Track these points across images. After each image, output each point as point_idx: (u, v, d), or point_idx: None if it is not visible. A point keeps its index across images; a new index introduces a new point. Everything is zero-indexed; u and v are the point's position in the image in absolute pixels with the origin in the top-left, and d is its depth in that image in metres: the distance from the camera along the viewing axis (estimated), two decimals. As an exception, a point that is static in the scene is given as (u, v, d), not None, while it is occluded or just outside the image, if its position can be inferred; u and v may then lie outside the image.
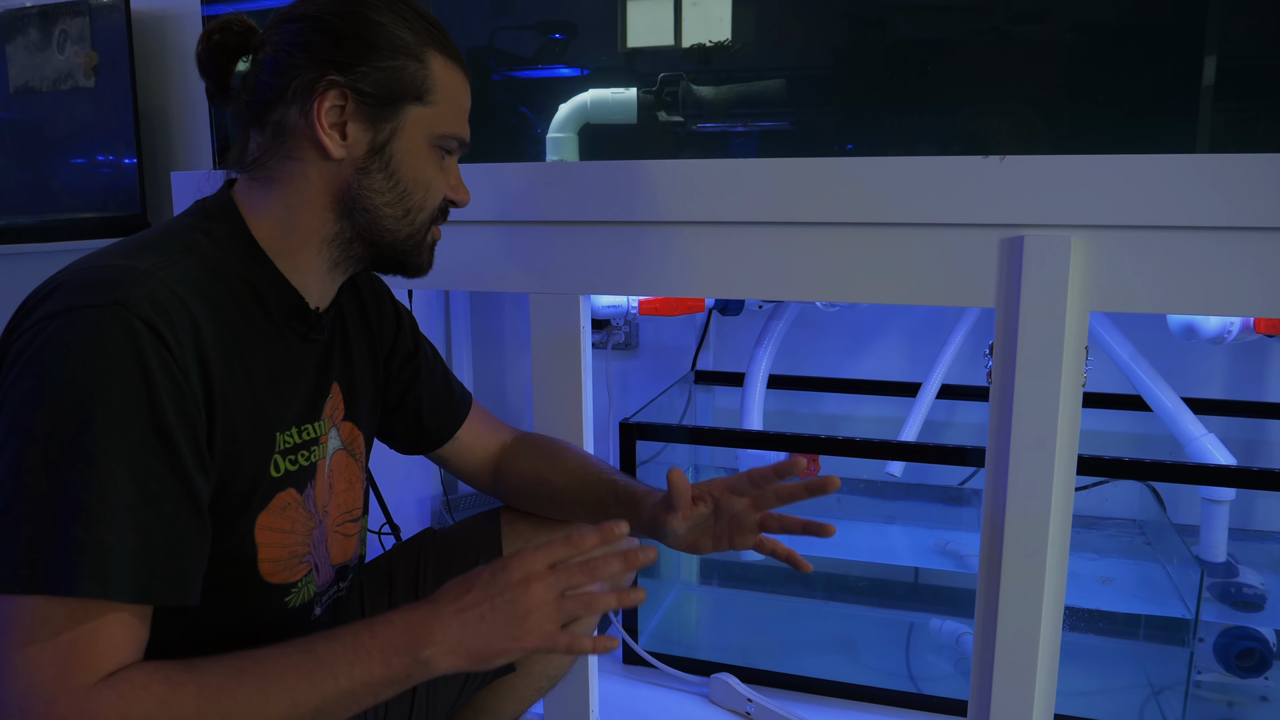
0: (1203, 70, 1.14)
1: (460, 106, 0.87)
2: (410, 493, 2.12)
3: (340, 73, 0.79)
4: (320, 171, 0.81)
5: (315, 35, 0.80)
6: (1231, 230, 0.97)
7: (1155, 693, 1.47)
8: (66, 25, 2.38)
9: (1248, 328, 1.34)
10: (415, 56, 0.82)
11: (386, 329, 1.02)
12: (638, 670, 1.59)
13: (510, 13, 1.55)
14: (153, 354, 0.68)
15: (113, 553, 0.65)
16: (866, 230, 1.08)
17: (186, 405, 0.71)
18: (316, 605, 0.90)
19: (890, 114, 1.32)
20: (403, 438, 1.07)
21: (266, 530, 0.82)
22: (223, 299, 0.78)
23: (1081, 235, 1.00)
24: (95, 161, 2.47)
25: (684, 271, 1.17)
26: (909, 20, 1.30)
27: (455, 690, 1.09)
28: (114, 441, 0.66)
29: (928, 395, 1.65)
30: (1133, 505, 1.76)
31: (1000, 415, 1.06)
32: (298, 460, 0.85)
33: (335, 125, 0.80)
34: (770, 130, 1.36)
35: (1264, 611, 1.44)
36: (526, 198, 1.21)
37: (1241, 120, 1.16)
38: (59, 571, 0.64)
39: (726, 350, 2.08)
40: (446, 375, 1.09)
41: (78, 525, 0.64)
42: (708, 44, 1.35)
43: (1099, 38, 1.20)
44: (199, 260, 0.77)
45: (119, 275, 0.70)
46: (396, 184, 0.83)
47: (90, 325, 0.67)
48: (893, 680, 1.53)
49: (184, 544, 0.71)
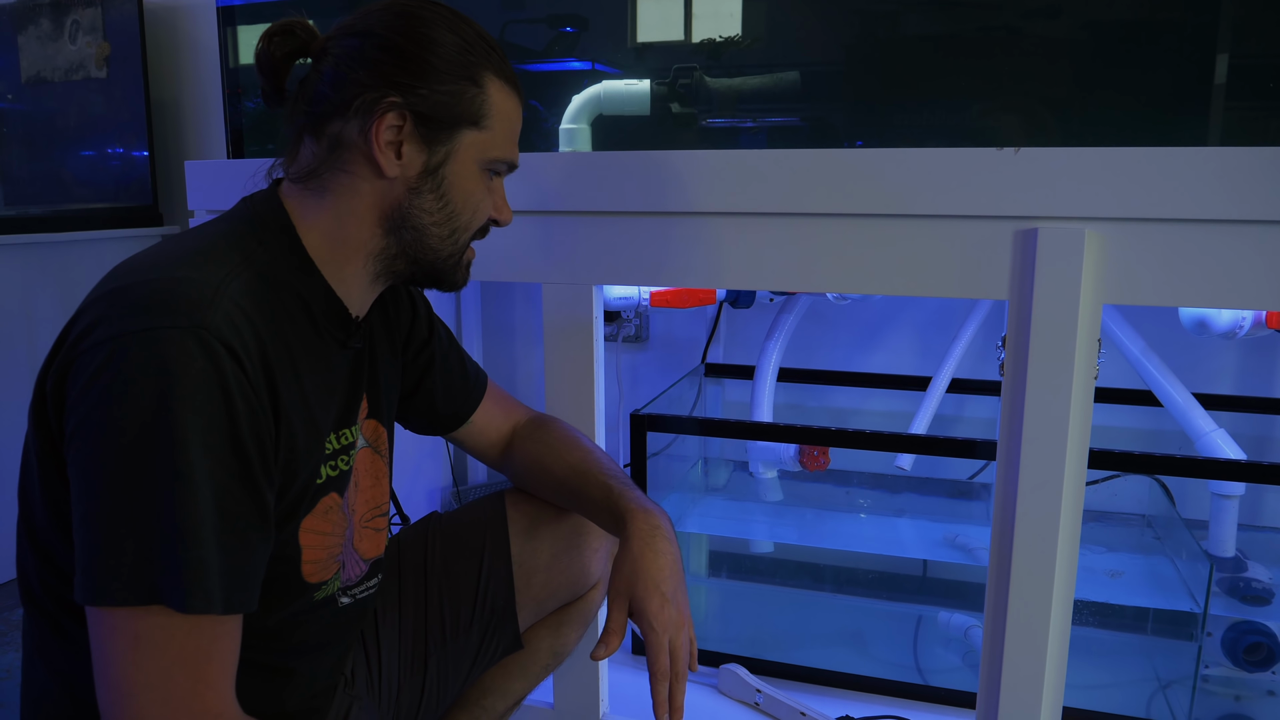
0: (1215, 67, 1.14)
1: (513, 130, 0.88)
2: (420, 484, 2.13)
3: (401, 93, 0.79)
4: (373, 188, 0.83)
5: (378, 52, 0.80)
6: (1244, 224, 0.97)
7: (1163, 686, 1.48)
8: (79, 16, 2.39)
9: (1259, 323, 1.34)
10: (474, 81, 0.82)
11: (404, 317, 1.03)
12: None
13: (521, 6, 1.55)
14: (232, 377, 0.70)
15: (208, 568, 0.68)
16: (880, 222, 1.09)
17: (259, 425, 0.73)
18: (344, 596, 0.92)
19: (900, 110, 1.32)
20: (418, 421, 1.09)
21: (310, 533, 0.84)
22: (278, 311, 0.79)
23: (1095, 228, 1.00)
24: (107, 152, 2.48)
25: (697, 262, 1.18)
26: (920, 16, 1.30)
27: (465, 668, 1.11)
28: (200, 462, 0.68)
29: (938, 389, 1.65)
30: (1142, 500, 1.76)
31: (1012, 408, 1.06)
32: (338, 465, 0.87)
33: (391, 144, 0.81)
34: (780, 126, 1.37)
35: (1272, 606, 1.44)
36: (539, 188, 1.21)
37: (1254, 117, 1.16)
38: (172, 588, 0.67)
39: (737, 343, 2.08)
40: (461, 358, 1.10)
41: (180, 544, 0.67)
42: (718, 39, 1.36)
43: (1111, 34, 1.20)
44: (258, 271, 0.78)
45: (193, 292, 0.71)
46: (446, 205, 0.85)
47: (175, 348, 0.68)
48: (901, 672, 1.54)
49: (255, 557, 0.74)
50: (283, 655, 0.87)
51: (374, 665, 1.06)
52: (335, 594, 0.91)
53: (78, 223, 2.25)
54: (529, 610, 1.11)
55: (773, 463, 1.72)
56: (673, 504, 1.78)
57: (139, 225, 2.37)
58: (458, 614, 1.08)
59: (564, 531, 1.11)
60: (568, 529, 1.11)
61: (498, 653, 1.11)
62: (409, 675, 1.08)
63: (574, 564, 1.11)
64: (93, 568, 0.67)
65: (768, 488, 1.75)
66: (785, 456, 1.66)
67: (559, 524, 1.11)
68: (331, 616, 0.91)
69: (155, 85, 2.41)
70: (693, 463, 1.98)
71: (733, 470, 1.98)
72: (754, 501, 1.81)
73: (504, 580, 1.08)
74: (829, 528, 1.78)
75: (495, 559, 1.09)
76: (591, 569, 1.12)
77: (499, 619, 1.09)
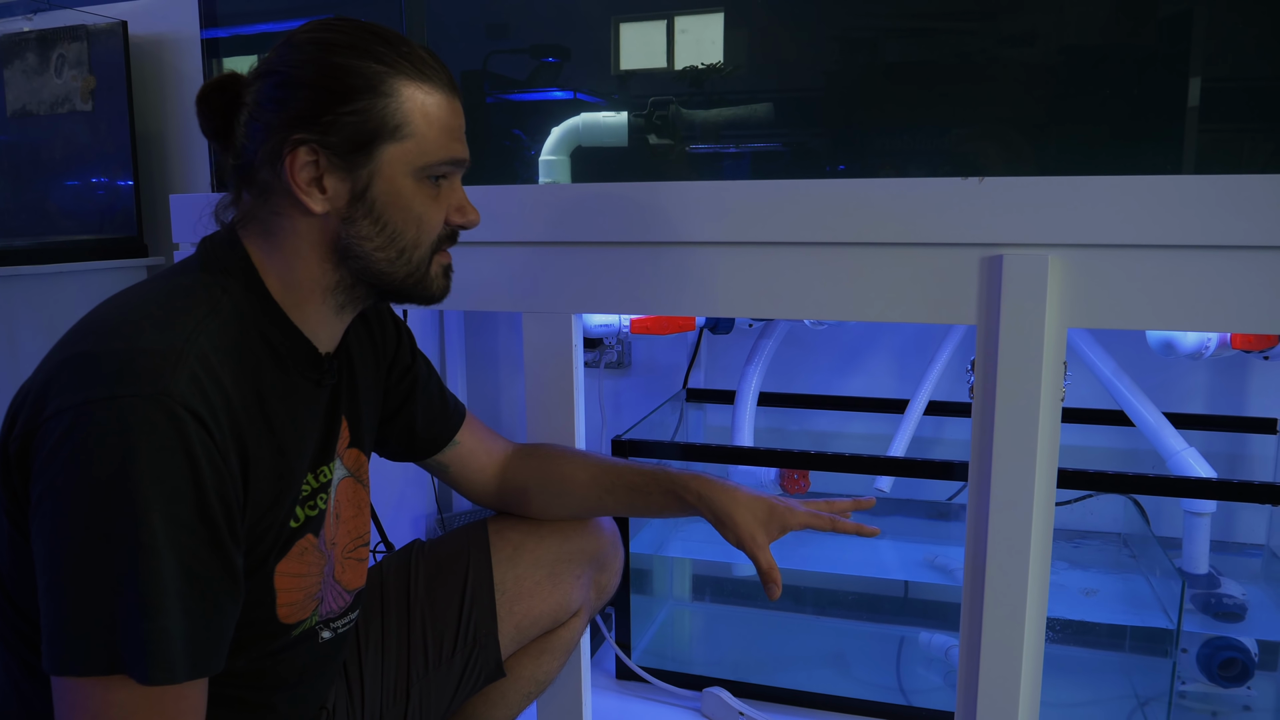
0: (1188, 91, 1.17)
1: (445, 129, 0.83)
2: (405, 512, 2.13)
3: (307, 128, 0.77)
4: (309, 226, 0.81)
5: (279, 91, 0.78)
6: (1204, 249, 1.00)
7: (1141, 704, 1.50)
8: (65, 50, 2.41)
9: (1225, 344, 1.37)
10: (381, 92, 0.79)
11: (389, 343, 1.04)
12: (630, 685, 1.60)
13: (504, 37, 1.58)
14: (198, 442, 0.69)
15: (172, 638, 0.68)
16: (851, 250, 1.11)
17: (225, 488, 0.72)
18: (325, 630, 0.92)
19: (881, 135, 1.34)
20: (395, 445, 1.08)
21: (285, 576, 0.84)
22: (247, 359, 0.78)
23: (1058, 254, 1.03)
24: (92, 184, 2.49)
25: (674, 291, 1.20)
26: (899, 43, 1.33)
27: (448, 696, 1.11)
28: (165, 531, 0.67)
29: (915, 411, 1.68)
30: (1118, 519, 1.79)
31: (982, 429, 1.08)
32: (316, 504, 0.87)
33: (312, 181, 0.79)
34: (762, 151, 1.39)
35: (1246, 622, 1.46)
36: (519, 219, 1.24)
37: (1228, 140, 1.19)
38: (134, 659, 0.67)
39: (718, 369, 2.10)
40: (441, 388, 1.11)
41: (142, 615, 0.66)
42: (700, 66, 1.38)
43: (1086, 60, 1.23)
44: (223, 321, 0.77)
45: (156, 357, 0.70)
46: (384, 228, 0.82)
47: (136, 416, 0.67)
48: (883, 693, 1.55)
49: (222, 618, 0.73)
50: (263, 691, 0.87)
51: (355, 695, 1.06)
52: (315, 628, 0.91)
53: (62, 255, 2.26)
54: (511, 638, 1.11)
55: (754, 487, 1.74)
56: (656, 529, 1.80)
57: (124, 257, 2.38)
58: (440, 642, 1.08)
59: (546, 560, 1.12)
60: (550, 557, 1.12)
61: (480, 680, 1.12)
62: (391, 704, 1.08)
63: (556, 591, 1.12)
64: (55, 638, 0.67)
65: (750, 511, 1.76)
66: (766, 480, 1.68)
67: (541, 552, 1.12)
68: (311, 651, 0.91)
69: (140, 118, 2.44)
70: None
71: (715, 494, 2.00)
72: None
73: (486, 608, 1.09)
74: (810, 551, 1.80)
75: (478, 586, 1.09)
76: (573, 596, 1.13)
77: (481, 646, 1.09)
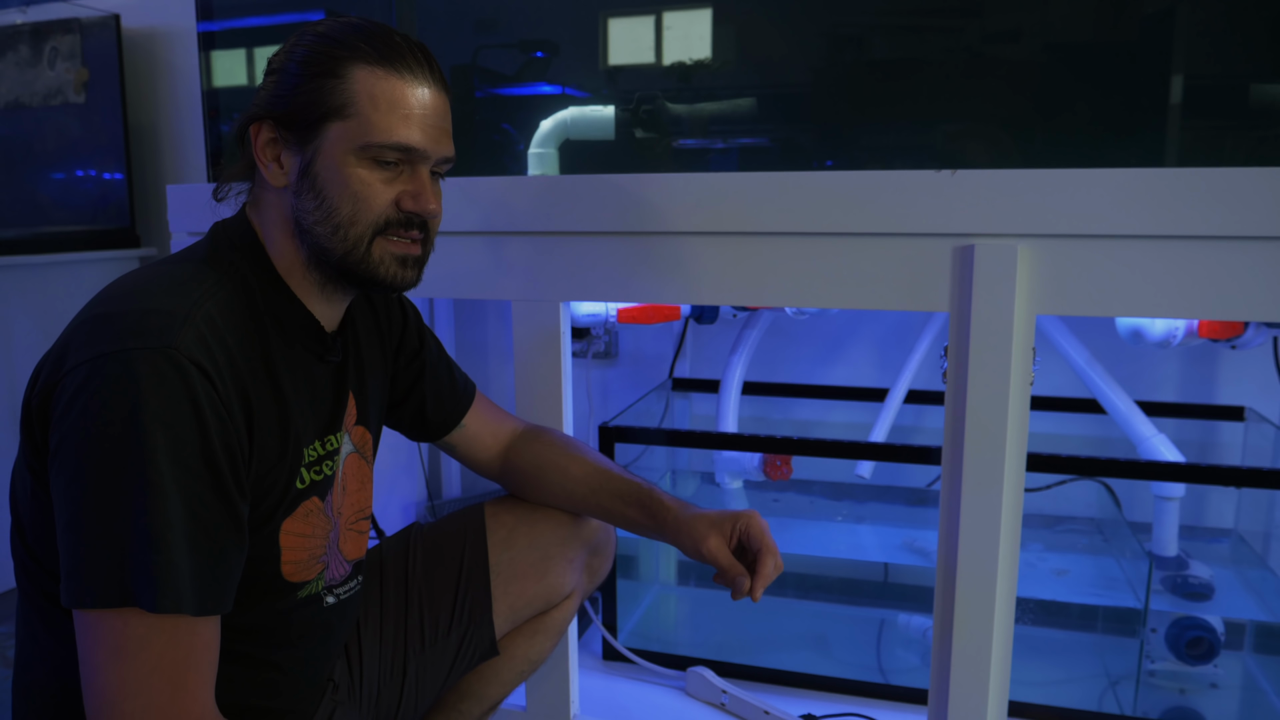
0: (1171, 88, 1.21)
1: (393, 113, 0.85)
2: (395, 499, 2.16)
3: (270, 106, 0.85)
4: (277, 200, 0.88)
5: (266, 77, 0.88)
6: (1166, 239, 1.04)
7: (1113, 683, 1.54)
8: (57, 42, 2.43)
9: (1192, 332, 1.42)
10: (333, 74, 0.84)
11: (395, 327, 1.08)
12: (617, 666, 1.64)
13: (493, 31, 1.60)
14: (202, 392, 0.75)
15: (179, 571, 0.73)
16: (830, 240, 1.15)
17: (229, 437, 0.78)
18: (329, 595, 0.97)
19: (868, 130, 1.37)
20: (410, 427, 1.14)
21: (290, 535, 0.88)
22: (254, 328, 0.84)
23: (1027, 244, 1.07)
24: (85, 175, 2.51)
25: (658, 279, 1.24)
26: (885, 40, 1.35)
27: (443, 673, 1.15)
28: (171, 472, 0.73)
29: (895, 399, 1.72)
30: (1091, 505, 1.83)
31: (955, 412, 1.12)
32: (321, 470, 0.92)
33: (273, 157, 0.86)
34: (748, 146, 1.42)
35: (1212, 602, 1.51)
36: (509, 210, 1.27)
37: (1210, 136, 1.22)
38: (143, 590, 0.72)
39: (703, 358, 2.14)
40: (450, 368, 1.15)
41: (151, 548, 0.72)
42: (688, 62, 1.41)
43: (1071, 57, 1.26)
44: (232, 292, 0.84)
45: (165, 317, 0.76)
46: (323, 202, 0.85)
47: (146, 366, 0.73)
48: (863, 673, 1.59)
49: (226, 560, 0.78)
50: (272, 650, 0.92)
51: (355, 669, 1.10)
52: (320, 593, 0.95)
53: (56, 245, 2.28)
54: (505, 618, 1.15)
55: (738, 473, 1.78)
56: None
57: (116, 247, 2.40)
58: (436, 620, 1.13)
59: (541, 543, 1.16)
60: (545, 541, 1.16)
61: (474, 658, 1.16)
62: (389, 679, 1.12)
63: (549, 574, 1.16)
64: (73, 573, 0.73)
65: (733, 498, 1.81)
66: (749, 467, 1.72)
67: (536, 536, 1.16)
68: (317, 614, 0.95)
69: (133, 110, 2.46)
70: (661, 475, 2.04)
71: (700, 482, 2.04)
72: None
73: (481, 588, 1.13)
74: (793, 535, 1.84)
75: (473, 567, 1.13)
76: (566, 579, 1.17)
77: (476, 625, 1.13)
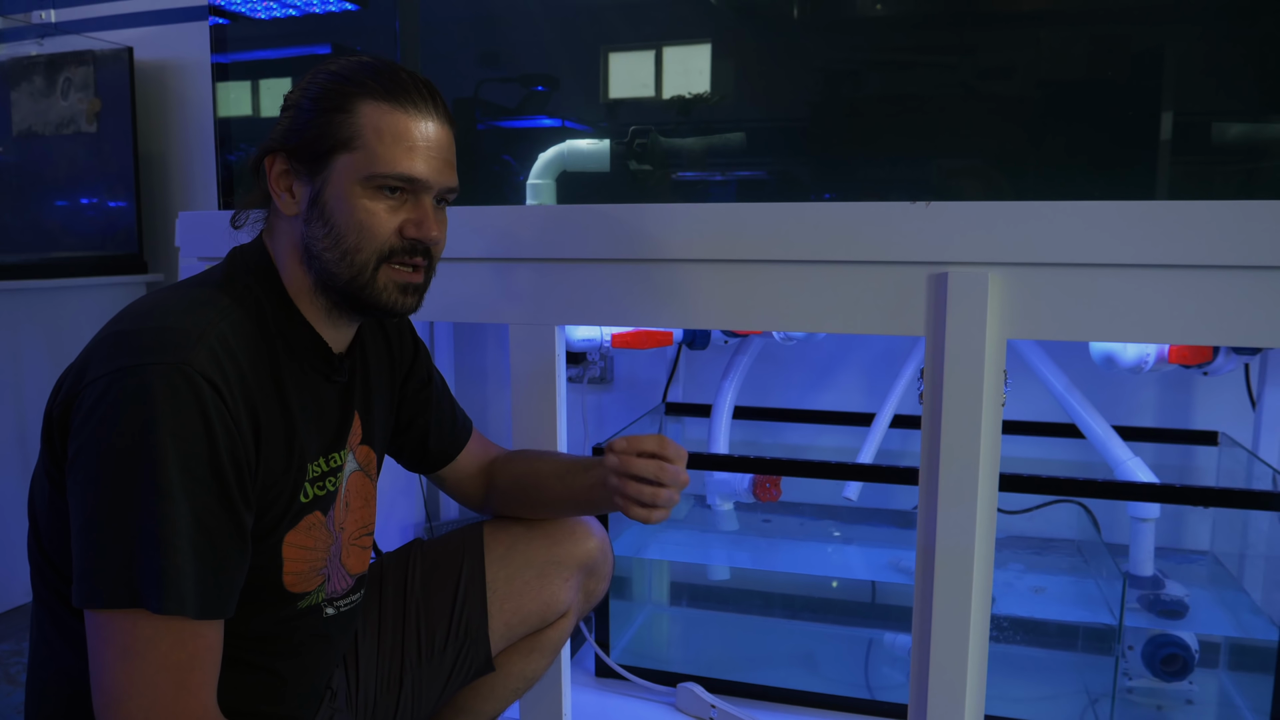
0: (1160, 125, 1.26)
1: (397, 145, 0.89)
2: (394, 519, 2.21)
3: (285, 140, 0.90)
4: (289, 228, 0.93)
5: (283, 115, 0.93)
6: (1130, 267, 1.10)
7: (1092, 701, 1.58)
8: (71, 74, 2.51)
9: (1163, 358, 1.47)
10: (343, 109, 0.89)
11: (406, 356, 1.13)
12: (610, 682, 1.68)
13: (496, 65, 1.67)
14: (213, 407, 0.80)
15: (184, 575, 0.77)
16: (814, 267, 1.21)
17: (237, 450, 0.82)
18: (329, 607, 1.01)
19: (865, 164, 1.42)
20: (409, 457, 1.19)
21: (293, 547, 0.93)
22: (264, 348, 0.89)
23: (998, 272, 1.13)
24: (95, 203, 2.58)
25: (649, 304, 1.29)
26: (881, 75, 1.40)
27: (439, 687, 1.18)
28: (180, 481, 0.77)
29: (881, 423, 1.77)
30: (1072, 527, 1.88)
31: (931, 431, 1.18)
32: (325, 485, 0.96)
33: (285, 187, 0.91)
34: (746, 179, 1.48)
35: (1188, 620, 1.55)
36: (511, 237, 1.33)
37: (1198, 171, 1.27)
38: (150, 592, 0.76)
39: (696, 384, 2.20)
40: (453, 405, 1.21)
41: (159, 552, 0.76)
42: (687, 95, 1.47)
43: (1062, 94, 1.31)
44: (245, 313, 0.89)
45: (180, 335, 0.81)
46: (331, 229, 0.90)
47: (160, 380, 0.78)
48: (850, 690, 1.63)
49: (229, 568, 0.82)
50: (272, 658, 0.95)
51: (352, 679, 1.14)
52: (320, 604, 0.99)
53: (65, 270, 2.34)
54: (500, 634, 1.19)
55: (728, 495, 1.83)
56: (635, 535, 1.88)
57: (124, 273, 2.46)
58: (433, 635, 1.16)
59: (538, 561, 1.19)
60: (540, 559, 1.20)
61: (470, 673, 1.19)
62: (385, 690, 1.16)
63: (545, 591, 1.19)
64: (85, 574, 0.77)
65: (724, 519, 1.85)
66: (740, 489, 1.77)
67: (533, 554, 1.19)
68: (317, 625, 0.99)
69: (143, 139, 2.53)
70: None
71: (692, 504, 2.09)
72: (712, 532, 1.91)
73: (478, 605, 1.17)
74: (782, 556, 1.89)
75: (471, 584, 1.17)
76: (561, 597, 1.20)
77: (472, 641, 1.17)
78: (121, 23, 2.55)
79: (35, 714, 0.91)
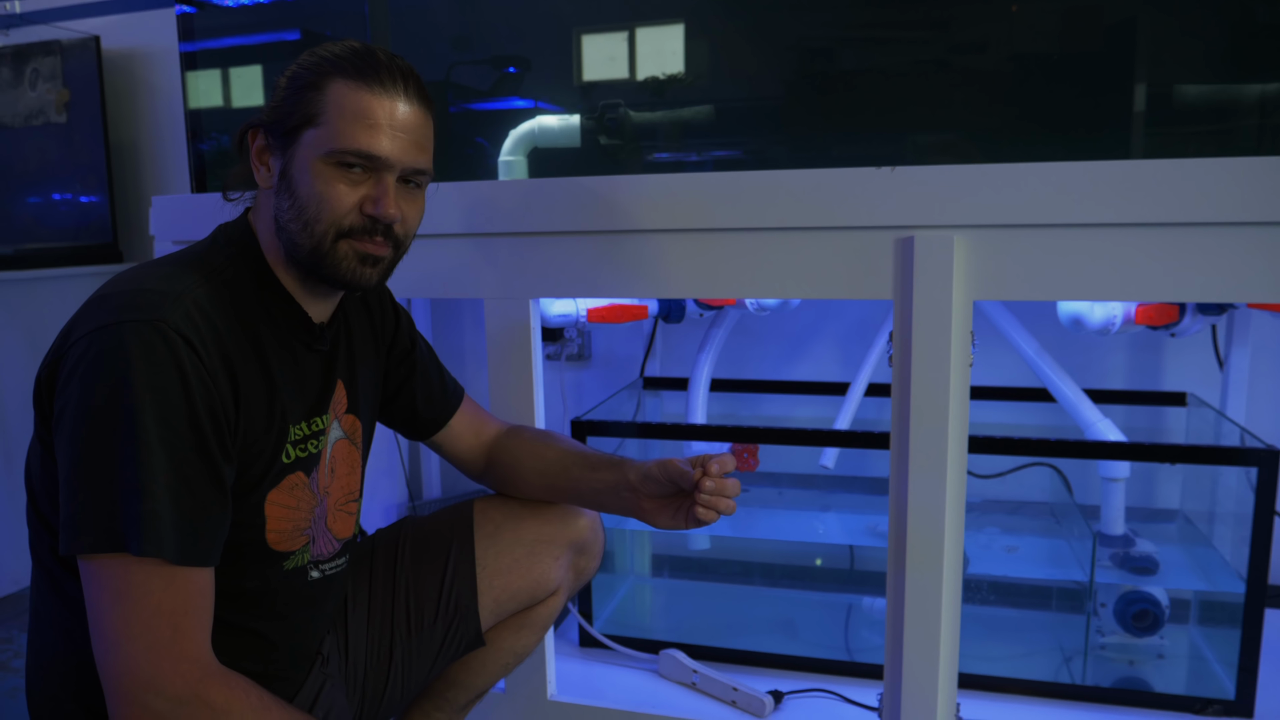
0: (1134, 96, 1.28)
1: (360, 123, 0.91)
2: (377, 500, 2.22)
3: (265, 115, 0.95)
4: (267, 201, 0.97)
5: (272, 94, 0.97)
6: (1093, 227, 1.12)
7: (1066, 658, 1.62)
8: (38, 64, 2.48)
9: (1130, 319, 1.50)
10: (314, 87, 0.92)
11: (388, 327, 1.16)
12: (593, 652, 1.70)
13: (468, 48, 1.67)
14: (188, 361, 0.83)
15: (162, 520, 0.80)
16: (782, 234, 1.23)
17: (214, 404, 0.85)
18: (313, 570, 1.03)
19: (838, 140, 1.43)
20: (402, 423, 1.21)
21: (275, 505, 0.95)
22: (244, 315, 0.92)
23: (963, 234, 1.15)
24: (67, 193, 2.56)
25: (622, 275, 1.31)
26: (854, 51, 1.41)
27: (429, 661, 1.20)
28: (156, 431, 0.81)
29: (857, 391, 1.79)
30: (1045, 490, 1.91)
31: (901, 394, 1.20)
32: (307, 448, 0.99)
33: (264, 162, 0.96)
34: (721, 158, 1.48)
35: (1158, 576, 1.59)
36: (483, 212, 1.34)
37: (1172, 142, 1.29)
38: (130, 535, 0.79)
39: (673, 358, 2.21)
40: (440, 370, 1.23)
41: (137, 498, 0.80)
42: (661, 76, 1.48)
43: (1036, 67, 1.33)
44: (224, 281, 0.92)
45: (159, 297, 0.85)
46: (294, 201, 0.93)
47: (139, 336, 0.82)
48: (829, 652, 1.66)
49: (209, 516, 0.85)
50: (260, 620, 0.98)
51: (343, 650, 1.16)
52: (306, 566, 1.01)
53: (39, 261, 2.33)
54: (490, 611, 1.20)
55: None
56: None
57: (99, 262, 2.46)
58: (422, 610, 1.18)
59: (527, 539, 1.21)
60: (530, 537, 1.21)
61: (460, 648, 1.21)
62: (375, 662, 1.18)
63: (534, 569, 1.21)
64: (69, 521, 0.80)
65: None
66: (718, 459, 1.79)
67: (523, 532, 1.21)
68: (304, 587, 1.02)
69: (114, 128, 2.51)
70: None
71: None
72: (692, 503, 1.92)
73: (468, 581, 1.19)
74: (761, 524, 1.91)
75: (460, 560, 1.19)
76: (552, 575, 1.22)
77: (461, 616, 1.19)
78: (88, 11, 2.53)
79: (36, 674, 0.94)
